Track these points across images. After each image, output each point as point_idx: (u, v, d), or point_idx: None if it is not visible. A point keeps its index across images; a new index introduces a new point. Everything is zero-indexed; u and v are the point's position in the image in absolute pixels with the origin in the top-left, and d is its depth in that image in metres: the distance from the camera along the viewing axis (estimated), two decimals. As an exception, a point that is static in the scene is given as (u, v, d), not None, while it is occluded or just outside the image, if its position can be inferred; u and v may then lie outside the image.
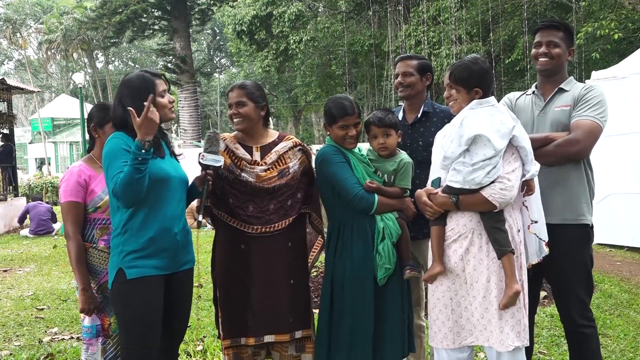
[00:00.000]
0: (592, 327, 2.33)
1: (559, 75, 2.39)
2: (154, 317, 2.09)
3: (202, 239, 8.97)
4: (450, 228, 2.12)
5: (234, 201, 2.33)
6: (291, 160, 2.40)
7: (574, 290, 2.32)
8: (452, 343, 2.11)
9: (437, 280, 2.13)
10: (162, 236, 2.09)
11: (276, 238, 2.34)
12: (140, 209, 2.07)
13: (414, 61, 2.67)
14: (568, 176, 2.31)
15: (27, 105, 39.54)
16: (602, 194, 6.44)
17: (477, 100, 2.08)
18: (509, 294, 2.00)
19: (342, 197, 2.27)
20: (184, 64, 22.93)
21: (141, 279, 2.05)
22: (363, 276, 2.25)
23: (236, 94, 2.35)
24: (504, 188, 2.00)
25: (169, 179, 2.13)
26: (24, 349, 3.69)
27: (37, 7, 34.45)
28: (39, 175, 18.57)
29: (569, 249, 2.28)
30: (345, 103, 2.31)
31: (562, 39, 2.34)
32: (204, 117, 33.34)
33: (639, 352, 3.30)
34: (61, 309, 4.70)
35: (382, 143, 2.33)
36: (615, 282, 4.93)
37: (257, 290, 2.32)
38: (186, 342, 3.61)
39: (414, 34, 13.45)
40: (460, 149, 2.02)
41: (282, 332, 2.33)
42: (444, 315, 2.12)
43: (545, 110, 2.37)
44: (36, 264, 6.88)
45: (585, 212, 2.33)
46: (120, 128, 2.12)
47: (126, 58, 40.24)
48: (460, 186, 2.03)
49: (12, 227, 10.49)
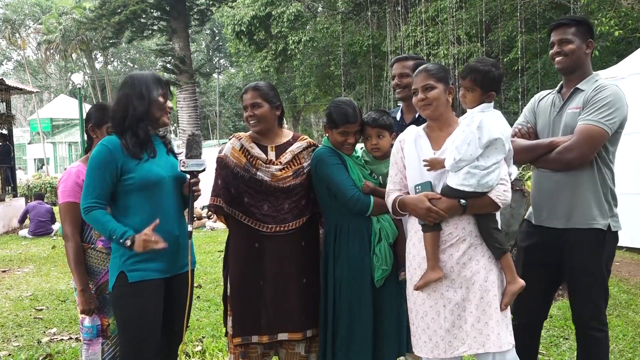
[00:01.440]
0: (603, 331, 2.30)
1: (580, 72, 2.32)
2: (153, 320, 2.10)
3: (202, 240, 9.02)
4: (448, 232, 2.05)
5: (249, 200, 2.34)
6: (305, 160, 2.41)
7: (585, 292, 2.29)
8: (443, 352, 2.03)
9: (430, 287, 2.05)
10: (165, 239, 2.08)
11: (290, 237, 2.35)
12: (139, 211, 2.08)
13: (411, 62, 2.68)
14: (576, 180, 2.26)
15: (26, 106, 39.50)
16: None
17: (487, 104, 2.07)
18: (513, 290, 2.01)
19: (338, 199, 2.27)
20: (183, 65, 22.89)
21: (143, 282, 2.06)
22: (360, 277, 2.25)
23: (251, 96, 2.36)
24: (506, 189, 2.02)
25: (161, 181, 2.12)
26: (22, 350, 3.71)
27: (36, 8, 34.41)
28: (38, 175, 18.54)
29: (578, 252, 2.25)
30: (349, 110, 2.31)
31: (575, 34, 2.28)
32: (203, 117, 33.30)
33: (637, 352, 3.32)
34: (60, 310, 4.71)
35: (375, 144, 2.34)
36: (614, 283, 4.93)
37: (271, 289, 2.34)
38: (185, 342, 3.63)
39: (412, 35, 13.45)
40: (478, 152, 1.98)
41: (295, 331, 2.35)
42: (436, 324, 2.05)
43: (561, 112, 2.34)
44: (35, 265, 6.93)
45: (596, 217, 2.26)
46: (119, 128, 2.11)
47: (125, 58, 40.21)
48: (473, 189, 1.99)
49: (11, 228, 10.51)
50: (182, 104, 23.57)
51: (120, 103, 2.14)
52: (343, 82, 17.45)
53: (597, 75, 2.35)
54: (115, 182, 2.07)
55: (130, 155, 2.07)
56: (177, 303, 2.21)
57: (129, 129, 2.09)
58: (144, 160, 2.10)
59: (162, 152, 2.21)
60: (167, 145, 2.27)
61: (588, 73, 2.34)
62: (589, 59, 2.34)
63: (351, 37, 16.40)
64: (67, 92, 34.10)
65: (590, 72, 2.35)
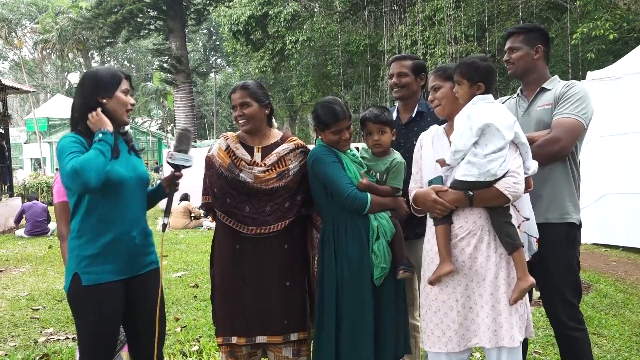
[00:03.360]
0: (581, 330, 2.31)
1: (535, 75, 2.40)
2: (109, 326, 2.06)
3: (198, 239, 8.98)
4: (458, 226, 2.06)
5: (231, 201, 2.33)
6: (292, 162, 2.37)
7: (559, 291, 2.30)
8: (457, 346, 2.04)
9: (442, 281, 2.07)
10: (120, 240, 2.05)
11: (271, 240, 2.31)
12: (96, 212, 2.02)
13: (409, 61, 2.67)
14: (552, 175, 2.30)
15: (22, 105, 39.36)
16: (597, 194, 6.48)
17: (480, 96, 2.07)
18: (523, 287, 1.98)
19: (335, 197, 2.26)
20: (179, 64, 22.90)
21: (97, 285, 2.00)
22: (360, 276, 2.24)
23: (239, 95, 2.33)
24: (516, 182, 1.98)
25: (123, 182, 2.06)
26: (19, 350, 3.69)
27: (32, 7, 34.38)
28: (35, 175, 18.50)
29: (553, 249, 2.26)
30: (336, 108, 2.28)
31: (522, 41, 2.38)
32: (199, 117, 33.29)
33: (634, 352, 3.32)
34: (56, 309, 4.69)
35: (376, 140, 2.33)
36: (611, 282, 4.96)
37: (250, 291, 2.32)
38: (182, 342, 3.62)
39: (409, 34, 13.50)
40: (472, 140, 1.99)
41: (274, 334, 2.32)
42: (449, 318, 2.06)
43: (528, 111, 2.39)
44: (31, 264, 6.88)
45: (570, 211, 2.31)
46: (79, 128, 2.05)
47: (122, 58, 40.18)
48: (476, 179, 1.99)
49: (7, 227, 10.47)
50: (179, 103, 23.56)
51: (77, 102, 2.08)
52: (340, 82, 17.47)
53: (557, 77, 2.44)
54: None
55: None
56: (141, 303, 2.16)
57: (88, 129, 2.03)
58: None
59: (124, 152, 2.15)
60: (129, 143, 2.21)
61: (547, 75, 2.41)
62: (543, 63, 2.41)
63: (348, 37, 16.45)
64: (63, 92, 33.92)
65: (549, 75, 2.43)
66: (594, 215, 6.44)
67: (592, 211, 6.43)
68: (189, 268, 6.24)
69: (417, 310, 2.74)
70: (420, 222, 2.33)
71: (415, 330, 2.72)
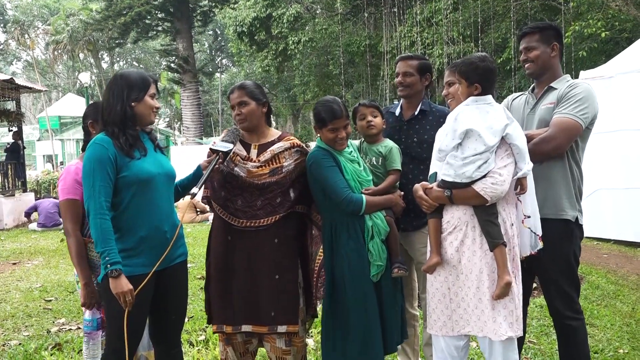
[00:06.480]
0: (579, 320, 2.35)
1: (549, 74, 2.41)
2: (138, 313, 2.09)
3: (205, 233, 9.15)
4: (446, 220, 2.14)
5: (226, 194, 2.39)
6: (286, 160, 2.40)
7: (557, 283, 2.33)
8: (450, 330, 2.14)
9: (435, 271, 2.16)
10: (153, 235, 2.11)
11: (261, 233, 2.36)
12: (128, 209, 2.08)
13: (415, 61, 2.68)
14: (550, 172, 2.32)
15: (35, 104, 39.92)
16: (590, 189, 6.54)
17: (474, 97, 2.10)
18: (500, 284, 2.01)
19: (332, 200, 2.32)
20: (186, 64, 23.22)
21: (130, 277, 2.03)
22: (361, 272, 2.30)
23: (237, 95, 2.39)
24: (495, 182, 2.01)
25: (152, 179, 2.12)
26: (32, 339, 3.75)
27: (44, 9, 34.79)
28: (47, 171, 18.98)
29: (548, 243, 2.25)
30: (333, 106, 2.34)
31: (539, 40, 2.38)
32: (205, 115, 33.62)
33: (624, 341, 3.37)
34: (68, 300, 4.78)
35: (370, 121, 2.45)
36: (602, 274, 5.01)
37: (239, 282, 2.38)
38: (189, 332, 3.67)
39: (408, 35, 13.67)
40: (453, 142, 2.05)
41: (260, 324, 2.37)
42: (442, 304, 2.15)
43: (534, 108, 2.41)
44: (44, 257, 7.00)
45: (566, 208, 2.32)
46: (112, 124, 2.11)
47: (131, 58, 40.40)
48: (452, 179, 2.06)
49: (21, 222, 10.64)
50: (186, 102, 23.94)
51: (109, 103, 2.12)
52: (341, 81, 17.74)
53: (568, 76, 2.44)
54: (115, 177, 2.06)
55: (124, 154, 2.07)
56: (172, 293, 2.24)
57: (119, 128, 2.10)
58: (136, 159, 2.10)
59: (151, 150, 2.21)
60: (154, 142, 2.28)
61: (559, 74, 2.41)
62: (557, 61, 2.42)
63: (349, 38, 16.63)
64: (74, 91, 34.39)
65: (560, 73, 2.43)
66: (587, 210, 6.48)
67: (585, 206, 6.52)
68: (195, 261, 6.21)
69: (415, 301, 2.83)
70: (417, 215, 2.44)
71: (414, 319, 2.79)
